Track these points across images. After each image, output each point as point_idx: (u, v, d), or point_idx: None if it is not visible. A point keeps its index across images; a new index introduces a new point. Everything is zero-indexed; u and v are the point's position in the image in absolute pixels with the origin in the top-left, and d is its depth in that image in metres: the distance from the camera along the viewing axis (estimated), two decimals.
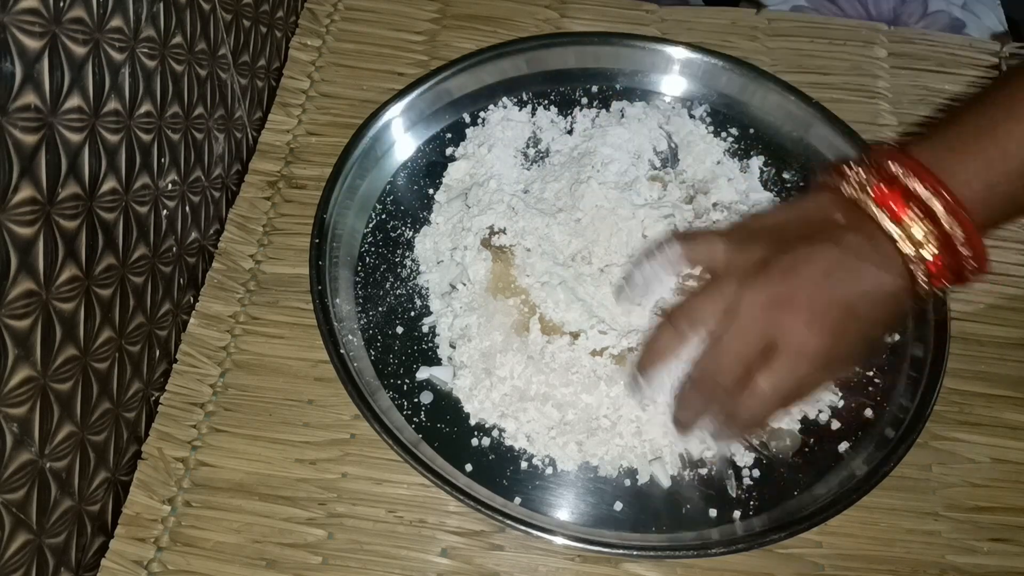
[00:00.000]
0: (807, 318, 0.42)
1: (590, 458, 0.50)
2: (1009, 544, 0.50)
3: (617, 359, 0.51)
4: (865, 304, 0.43)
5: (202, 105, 0.53)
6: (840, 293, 0.42)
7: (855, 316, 0.43)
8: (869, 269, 0.43)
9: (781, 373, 0.42)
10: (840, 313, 0.42)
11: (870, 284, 0.43)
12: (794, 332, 0.42)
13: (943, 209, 0.42)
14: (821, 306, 0.42)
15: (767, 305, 0.43)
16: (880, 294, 0.43)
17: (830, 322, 0.42)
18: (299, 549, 0.48)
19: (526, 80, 0.63)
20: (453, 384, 0.51)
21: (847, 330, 0.43)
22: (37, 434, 0.40)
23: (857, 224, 0.44)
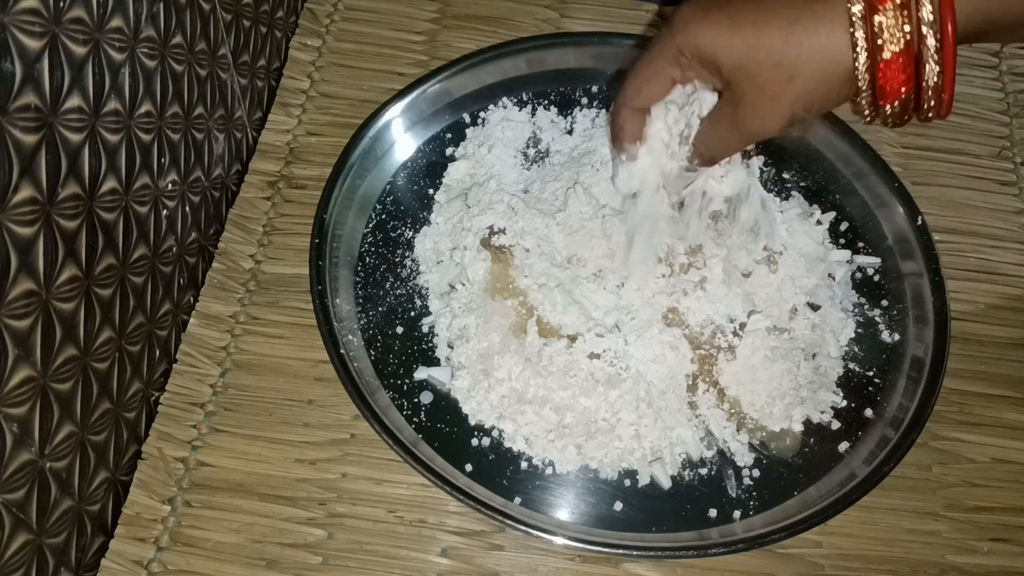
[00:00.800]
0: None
1: (589, 461, 0.50)
2: (1009, 544, 0.50)
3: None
4: (773, 25, 0.39)
5: (202, 105, 0.53)
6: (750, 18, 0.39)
7: (752, 27, 0.39)
8: (798, 23, 0.38)
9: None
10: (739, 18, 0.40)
11: (785, 17, 0.39)
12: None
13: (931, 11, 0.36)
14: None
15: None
16: (804, 50, 0.38)
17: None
18: (299, 549, 0.48)
19: (526, 80, 0.63)
20: (451, 385, 0.51)
21: (727, 26, 0.40)
22: (37, 434, 0.40)
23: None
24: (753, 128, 0.42)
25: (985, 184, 0.62)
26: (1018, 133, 0.64)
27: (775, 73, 0.40)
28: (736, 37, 0.40)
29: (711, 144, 0.45)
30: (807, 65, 0.39)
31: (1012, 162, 0.63)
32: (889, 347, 0.54)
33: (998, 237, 0.60)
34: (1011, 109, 0.65)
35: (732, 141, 0.44)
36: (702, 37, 0.42)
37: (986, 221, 0.61)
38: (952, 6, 0.36)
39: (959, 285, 0.58)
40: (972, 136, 0.64)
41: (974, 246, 0.60)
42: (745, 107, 0.42)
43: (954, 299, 0.56)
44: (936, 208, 0.60)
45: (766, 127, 0.42)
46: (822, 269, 0.55)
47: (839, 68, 0.38)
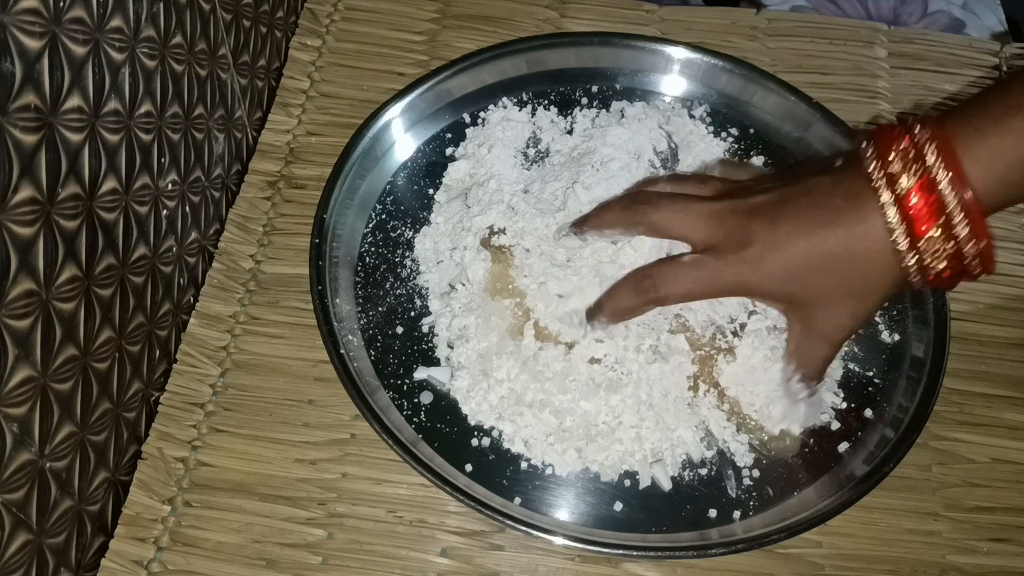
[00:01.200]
0: (744, 223, 0.44)
1: (590, 464, 0.49)
2: (1009, 544, 0.50)
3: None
4: (825, 256, 0.43)
5: (202, 105, 0.53)
6: (792, 228, 0.43)
7: (805, 259, 0.43)
8: (841, 229, 0.42)
9: (689, 264, 0.45)
10: (785, 244, 0.43)
11: (836, 242, 0.42)
12: (727, 234, 0.45)
13: (966, 225, 0.40)
14: (772, 234, 0.44)
15: (712, 212, 0.45)
16: (846, 256, 0.42)
17: (770, 244, 0.43)
18: (299, 549, 0.48)
19: (526, 80, 0.63)
20: (451, 385, 0.51)
21: (785, 265, 0.43)
22: (37, 434, 0.40)
23: (857, 198, 0.42)
24: (838, 337, 0.46)
25: None
26: None
27: (837, 291, 0.44)
28: (793, 271, 0.44)
29: (807, 363, 0.48)
30: (865, 279, 0.43)
31: None
32: (889, 347, 0.54)
33: (998, 237, 0.60)
34: None
35: (823, 351, 0.47)
36: (769, 285, 0.44)
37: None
38: (984, 224, 0.41)
39: (959, 285, 0.58)
40: None
41: None
42: (821, 324, 0.46)
43: (954, 299, 0.56)
44: None
45: (848, 331, 0.46)
46: None
47: (891, 271, 0.42)
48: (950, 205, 0.40)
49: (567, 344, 0.51)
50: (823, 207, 0.43)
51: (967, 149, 0.40)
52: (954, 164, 0.40)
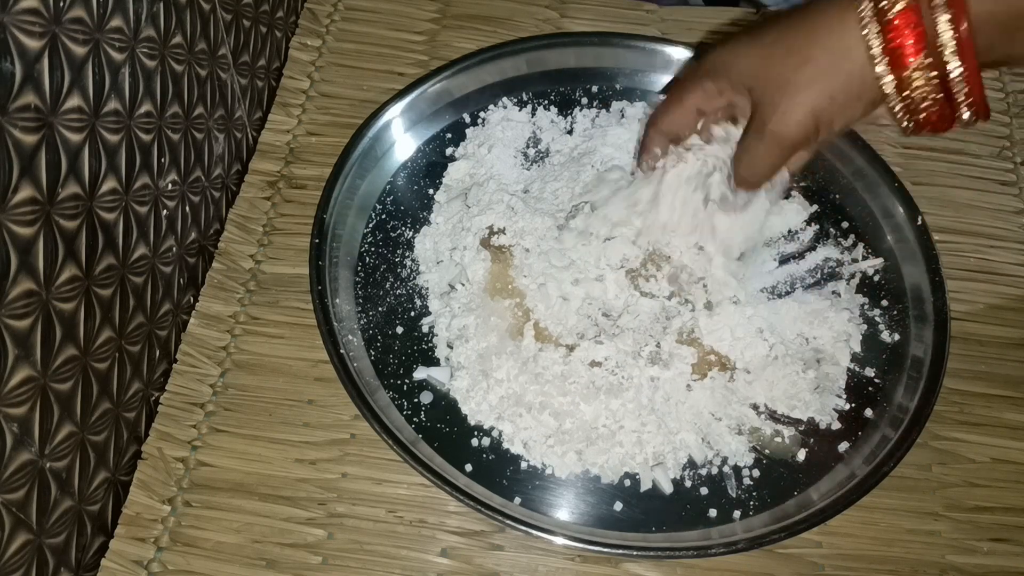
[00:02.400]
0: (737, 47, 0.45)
1: (590, 467, 0.49)
2: (1009, 544, 0.50)
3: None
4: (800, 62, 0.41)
5: (202, 105, 0.53)
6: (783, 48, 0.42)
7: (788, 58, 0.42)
8: (818, 49, 0.41)
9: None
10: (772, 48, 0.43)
11: (811, 31, 0.41)
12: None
13: (957, 55, 0.38)
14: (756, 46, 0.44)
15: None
16: (819, 45, 0.41)
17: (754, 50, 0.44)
18: (299, 549, 0.48)
19: (526, 80, 0.63)
20: (451, 385, 0.51)
21: (755, 62, 0.43)
22: (37, 434, 0.40)
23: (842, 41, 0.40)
24: (776, 129, 0.43)
25: (985, 184, 0.62)
26: (1018, 133, 0.64)
27: (794, 72, 0.41)
28: (752, 48, 0.43)
29: (745, 167, 0.47)
30: (824, 66, 0.40)
31: (1012, 162, 0.63)
32: (889, 347, 0.54)
33: (998, 237, 0.60)
34: (1011, 109, 0.65)
35: (761, 151, 0.45)
36: (725, 57, 0.45)
37: (986, 221, 0.61)
38: (977, 67, 0.38)
39: (959, 285, 0.58)
40: (972, 136, 0.64)
41: (974, 246, 0.59)
42: (766, 109, 0.43)
43: (954, 299, 0.56)
44: (936, 208, 0.60)
45: (788, 126, 0.43)
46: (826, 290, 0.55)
47: (852, 53, 0.40)
48: (943, 36, 0.38)
49: (567, 346, 0.51)
50: (802, 29, 0.42)
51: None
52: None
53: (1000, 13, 0.38)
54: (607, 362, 0.50)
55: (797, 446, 0.51)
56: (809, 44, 0.41)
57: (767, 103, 0.43)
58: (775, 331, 0.52)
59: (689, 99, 0.48)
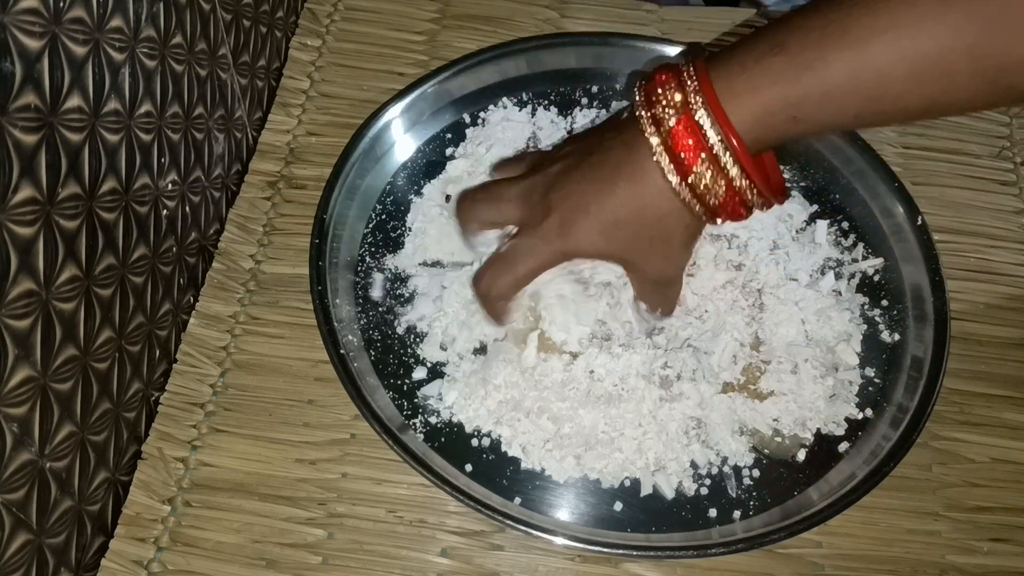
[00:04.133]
0: (538, 197, 0.47)
1: (588, 471, 0.49)
2: (1009, 544, 0.50)
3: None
4: (618, 210, 0.45)
5: (202, 105, 0.53)
6: (578, 185, 0.46)
7: (602, 218, 0.45)
8: (623, 182, 0.44)
9: (506, 253, 0.48)
10: (571, 199, 0.46)
11: (624, 195, 0.44)
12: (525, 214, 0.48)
13: (733, 160, 0.41)
14: (558, 192, 0.46)
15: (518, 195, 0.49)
16: (636, 207, 0.44)
17: (558, 203, 0.46)
18: (299, 549, 0.48)
19: (526, 80, 0.63)
20: (450, 387, 0.51)
21: (588, 227, 0.46)
22: (37, 434, 0.40)
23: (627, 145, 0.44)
24: (669, 274, 0.49)
25: (985, 184, 0.62)
26: (1018, 133, 0.64)
27: (651, 239, 0.46)
28: (608, 234, 0.46)
29: (657, 305, 0.50)
30: (663, 221, 0.45)
31: (1012, 162, 0.63)
32: (889, 347, 0.54)
33: (998, 237, 0.60)
34: (1011, 109, 0.65)
35: (667, 291, 0.50)
36: (580, 246, 0.47)
37: (986, 221, 0.61)
38: (750, 160, 0.41)
39: (959, 285, 0.58)
40: (972, 136, 0.64)
41: (974, 246, 0.60)
42: (651, 270, 0.48)
43: (954, 299, 0.56)
44: (936, 208, 0.60)
45: (679, 269, 0.49)
46: (825, 288, 0.55)
47: (678, 205, 0.44)
48: (712, 141, 0.41)
49: (571, 354, 0.50)
50: (607, 164, 0.45)
51: (728, 87, 0.41)
52: (713, 102, 0.41)
53: (767, 109, 0.41)
54: (610, 376, 0.50)
55: (797, 446, 0.51)
56: (636, 213, 0.45)
57: (647, 266, 0.48)
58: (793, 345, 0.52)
59: (537, 273, 0.49)
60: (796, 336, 0.52)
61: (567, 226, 0.46)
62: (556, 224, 0.46)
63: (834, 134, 0.51)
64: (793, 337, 0.52)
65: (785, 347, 0.52)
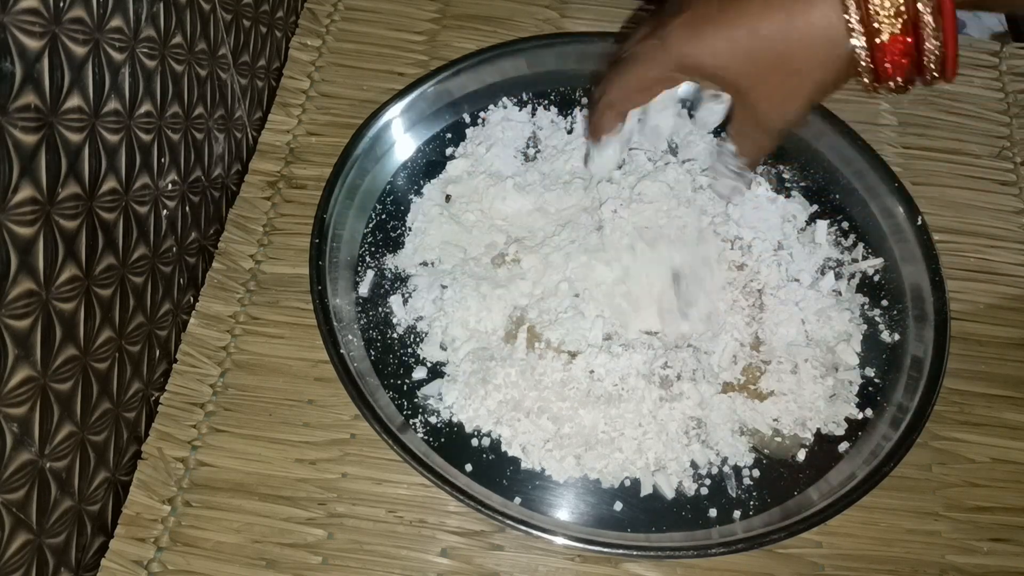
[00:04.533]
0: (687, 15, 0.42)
1: (588, 471, 0.49)
2: (1009, 544, 0.50)
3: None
4: (765, 24, 0.39)
5: (202, 105, 0.53)
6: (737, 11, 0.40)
7: (741, 28, 0.40)
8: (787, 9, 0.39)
9: (629, 55, 0.45)
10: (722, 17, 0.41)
11: (779, 15, 0.39)
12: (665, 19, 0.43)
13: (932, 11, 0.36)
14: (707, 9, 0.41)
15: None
16: (789, 28, 0.39)
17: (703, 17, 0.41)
18: (299, 549, 0.48)
19: (526, 80, 0.63)
20: (449, 387, 0.51)
21: (722, 35, 0.41)
22: (37, 434, 0.40)
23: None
24: (778, 125, 0.43)
25: (985, 184, 0.62)
26: (1018, 133, 0.64)
27: (780, 72, 0.40)
28: (736, 47, 0.41)
29: (748, 150, 0.46)
30: (808, 58, 0.40)
31: (1012, 162, 0.63)
32: (889, 347, 0.54)
33: (998, 237, 0.60)
34: (1011, 109, 0.65)
35: (764, 141, 0.45)
36: (702, 54, 0.42)
37: (986, 221, 0.61)
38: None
39: (959, 285, 0.58)
40: (972, 136, 0.64)
41: (974, 246, 0.60)
42: (763, 109, 0.43)
43: (954, 299, 0.56)
44: (936, 208, 0.60)
45: (789, 120, 0.43)
46: (826, 287, 0.55)
47: (838, 52, 0.39)
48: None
49: (569, 353, 0.50)
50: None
51: None
52: None
53: None
54: (609, 375, 0.50)
55: (797, 446, 0.51)
56: (786, 31, 0.39)
57: (760, 103, 0.42)
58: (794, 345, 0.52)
59: (650, 83, 0.46)
60: (796, 336, 0.52)
61: (693, 26, 0.41)
62: (681, 24, 0.41)
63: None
64: (793, 337, 0.52)
65: (785, 347, 0.52)
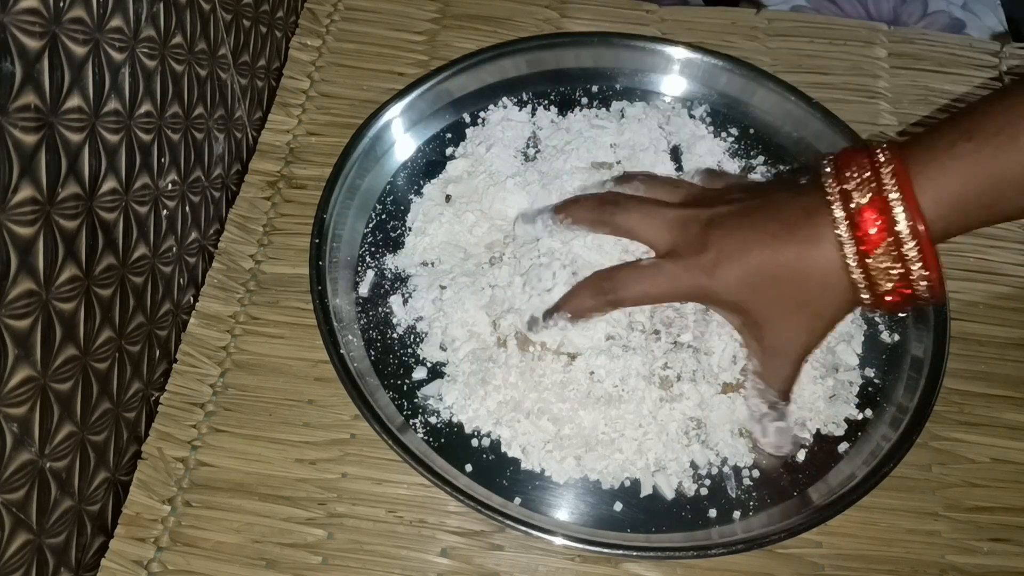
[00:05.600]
0: (698, 235, 0.46)
1: (589, 472, 0.49)
2: (1009, 544, 0.50)
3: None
4: (778, 268, 0.44)
5: (202, 105, 0.53)
6: (750, 240, 0.45)
7: (758, 269, 0.44)
8: (794, 243, 0.44)
9: (648, 267, 0.48)
10: (738, 254, 0.45)
11: (789, 255, 0.44)
12: (678, 243, 0.47)
13: (916, 248, 0.41)
14: (723, 242, 0.45)
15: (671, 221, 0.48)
16: (798, 269, 0.44)
17: (722, 256, 0.45)
18: (299, 549, 0.48)
19: (526, 80, 0.63)
20: (449, 387, 0.51)
21: (740, 274, 0.45)
22: (37, 434, 0.40)
23: (813, 215, 0.43)
24: (796, 353, 0.47)
25: None
26: None
27: (794, 311, 0.45)
28: (752, 286, 0.45)
29: (774, 381, 0.48)
30: (818, 299, 0.44)
31: None
32: (889, 347, 0.54)
33: (998, 237, 0.60)
34: None
35: (788, 369, 0.48)
36: (725, 292, 0.46)
37: None
38: (933, 250, 0.41)
39: (959, 285, 0.58)
40: None
41: (974, 246, 0.59)
42: (784, 338, 0.46)
43: (954, 299, 0.56)
44: None
45: (807, 349, 0.47)
46: None
47: (844, 284, 0.43)
48: (900, 225, 0.41)
49: (568, 355, 0.50)
50: (780, 220, 0.44)
51: (921, 172, 0.41)
52: (906, 186, 0.41)
53: (960, 195, 0.41)
54: (609, 376, 0.49)
55: (797, 446, 0.51)
56: (795, 275, 0.44)
57: (775, 334, 0.46)
58: None
59: (660, 300, 0.49)
60: None
61: (718, 265, 0.45)
62: (709, 260, 0.45)
63: None
64: None
65: None
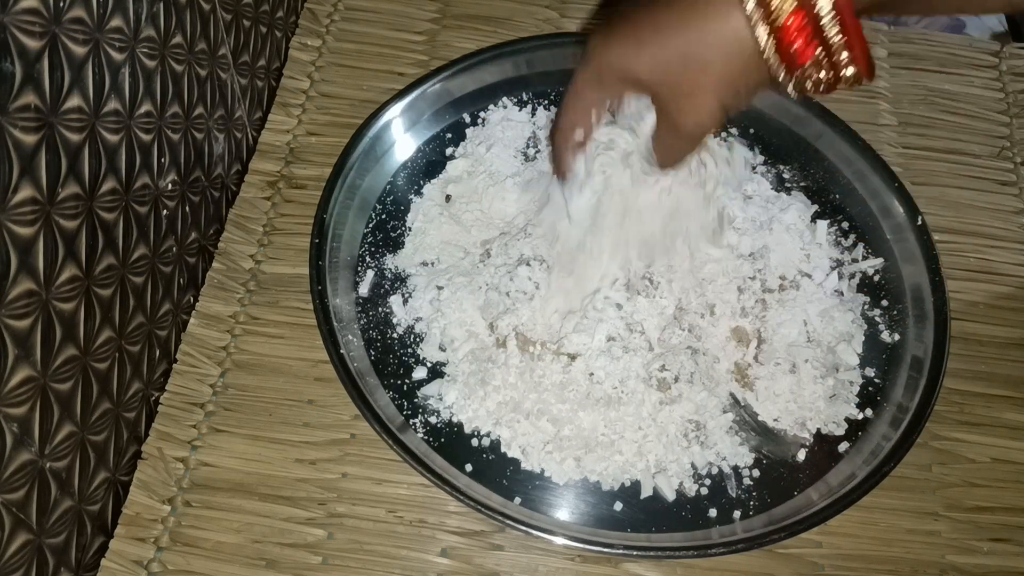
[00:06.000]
0: (610, 32, 0.43)
1: (588, 474, 0.49)
2: (1009, 544, 0.50)
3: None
4: (687, 45, 0.40)
5: (202, 105, 0.53)
6: (654, 18, 0.42)
7: (664, 46, 0.41)
8: (701, 19, 0.40)
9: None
10: (642, 27, 0.42)
11: (699, 33, 0.40)
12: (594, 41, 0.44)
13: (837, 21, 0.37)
14: (630, 23, 0.42)
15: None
16: (703, 44, 0.40)
17: (628, 31, 0.42)
18: (299, 549, 0.48)
19: (526, 80, 0.63)
20: (449, 387, 0.51)
21: (649, 53, 0.42)
22: (37, 434, 0.40)
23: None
24: (689, 128, 0.43)
25: (985, 184, 0.62)
26: (1018, 133, 0.64)
27: (688, 70, 0.41)
28: (644, 50, 0.42)
29: (664, 156, 0.47)
30: (714, 53, 0.40)
31: (1012, 162, 0.63)
32: (889, 347, 0.54)
33: (998, 237, 0.60)
34: (1011, 109, 0.65)
35: (679, 145, 0.46)
36: (615, 59, 0.43)
37: (986, 221, 0.61)
38: (856, 23, 0.37)
39: (959, 285, 0.58)
40: (972, 136, 0.64)
41: (974, 246, 0.60)
42: (675, 111, 0.43)
43: (954, 299, 0.56)
44: (936, 208, 0.60)
45: (701, 123, 0.43)
46: (828, 288, 0.55)
47: (744, 46, 0.39)
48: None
49: (568, 356, 0.50)
50: (688, 2, 0.41)
51: None
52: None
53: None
54: (609, 378, 0.50)
55: (797, 446, 0.51)
56: (701, 44, 0.40)
57: (674, 108, 0.43)
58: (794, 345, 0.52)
59: (585, 103, 0.47)
60: (797, 336, 0.52)
61: (612, 37, 0.43)
62: (602, 37, 0.43)
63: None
64: (794, 337, 0.52)
65: (785, 347, 0.52)
